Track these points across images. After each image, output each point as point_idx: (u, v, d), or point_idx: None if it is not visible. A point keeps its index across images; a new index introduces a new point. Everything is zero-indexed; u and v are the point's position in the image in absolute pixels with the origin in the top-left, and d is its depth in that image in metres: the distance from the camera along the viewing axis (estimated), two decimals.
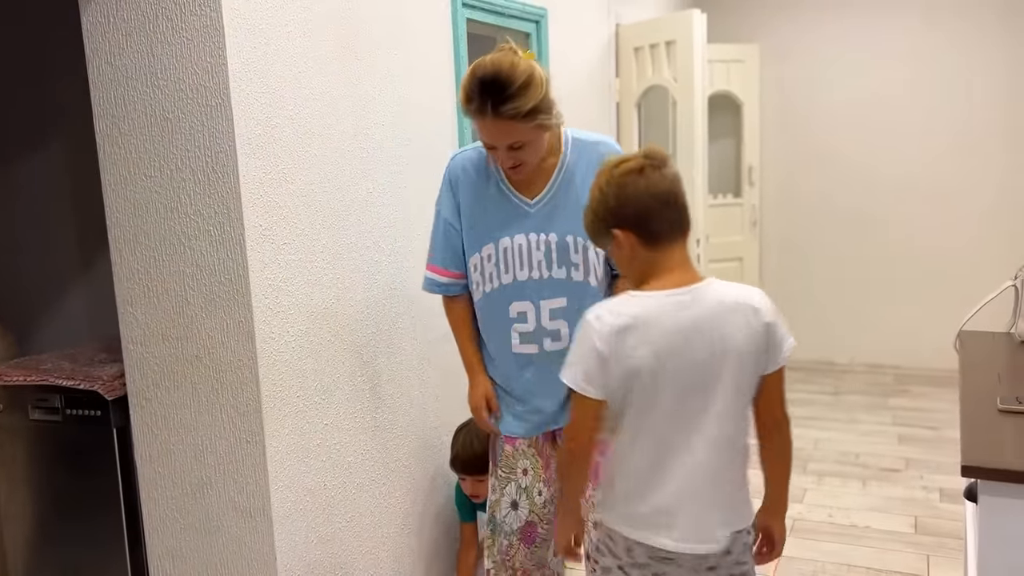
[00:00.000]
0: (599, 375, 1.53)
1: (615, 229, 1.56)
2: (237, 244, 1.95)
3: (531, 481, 2.16)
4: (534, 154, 1.93)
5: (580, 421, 1.60)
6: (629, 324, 1.51)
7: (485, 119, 1.85)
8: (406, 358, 2.55)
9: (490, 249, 2.04)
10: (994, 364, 2.14)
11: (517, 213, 2.02)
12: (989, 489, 1.45)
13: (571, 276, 2.02)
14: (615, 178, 1.55)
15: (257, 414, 2.01)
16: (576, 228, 1.92)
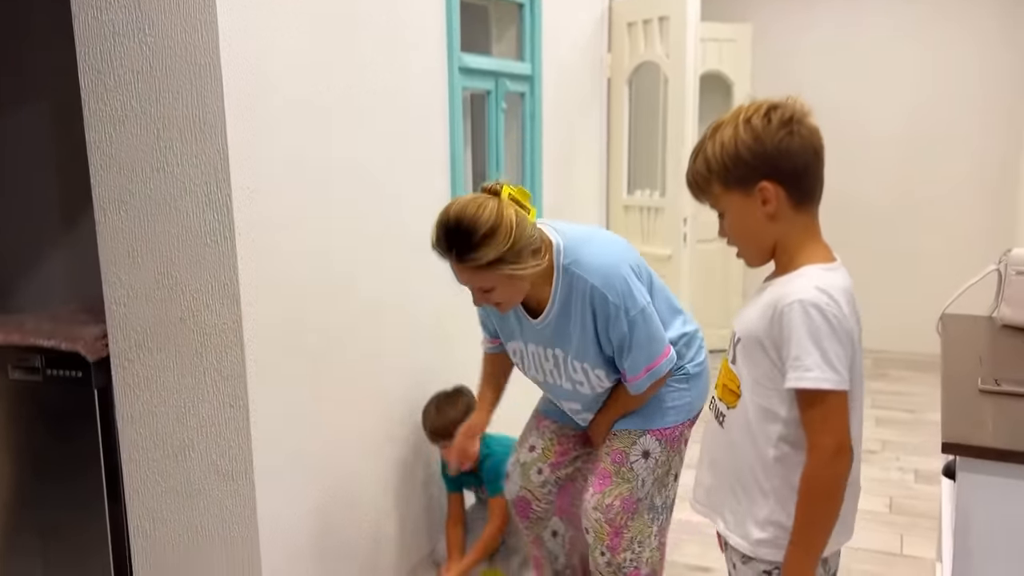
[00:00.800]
0: (847, 363, 1.29)
1: (764, 180, 1.33)
2: (224, 206, 1.93)
3: (534, 459, 2.21)
4: (507, 296, 1.93)
5: (843, 424, 1.29)
6: (848, 300, 1.32)
7: (451, 263, 1.89)
8: (392, 326, 2.54)
9: (512, 347, 2.18)
10: (975, 347, 2.16)
11: (526, 326, 2.09)
12: (968, 466, 1.47)
13: (577, 389, 2.12)
14: (778, 122, 1.32)
15: (241, 378, 2.00)
16: (574, 354, 2.05)
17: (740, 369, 1.39)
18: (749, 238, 1.40)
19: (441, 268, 2.82)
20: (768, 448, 1.34)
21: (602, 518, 2.06)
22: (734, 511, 1.42)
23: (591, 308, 1.95)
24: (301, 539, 2.20)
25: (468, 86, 2.88)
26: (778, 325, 1.30)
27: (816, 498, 1.29)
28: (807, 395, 1.28)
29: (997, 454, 1.45)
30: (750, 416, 1.36)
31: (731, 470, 1.41)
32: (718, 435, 1.45)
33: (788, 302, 1.28)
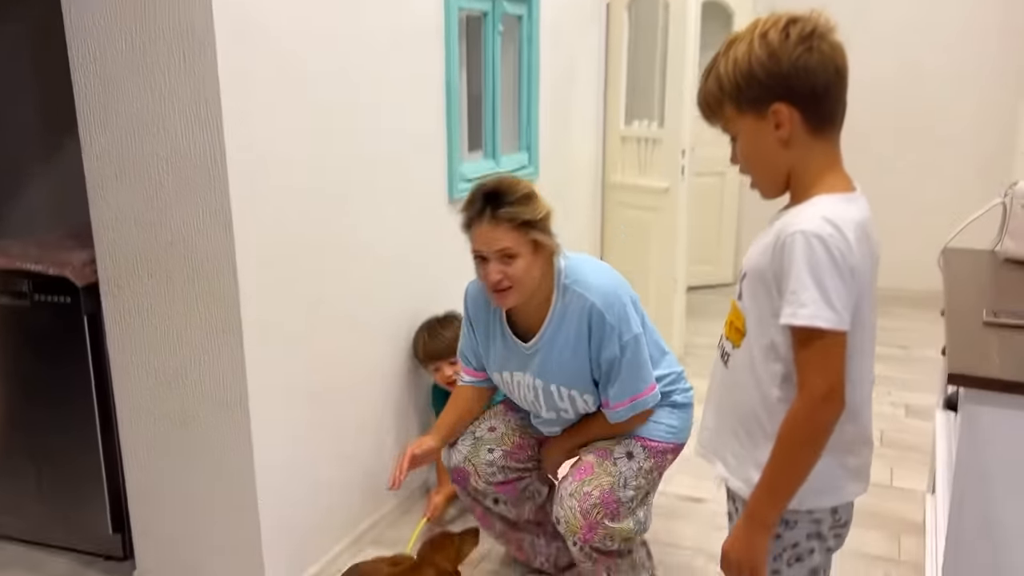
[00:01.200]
0: (848, 299, 1.19)
1: (778, 102, 1.23)
2: (214, 127, 1.86)
3: (491, 438, 2.17)
4: (524, 274, 1.91)
5: (837, 368, 1.20)
6: (859, 235, 1.22)
7: (481, 223, 1.89)
8: (383, 252, 2.50)
9: (498, 377, 2.16)
10: (978, 280, 2.14)
11: (515, 354, 2.09)
12: (973, 398, 1.46)
13: (561, 416, 2.12)
14: (796, 37, 1.21)
15: (234, 304, 1.96)
16: (561, 379, 2.03)
17: (746, 305, 1.31)
18: (762, 165, 1.30)
19: (435, 193, 2.78)
20: (772, 388, 1.28)
21: (576, 507, 1.94)
22: (736, 454, 1.35)
23: (587, 327, 1.97)
24: (296, 467, 2.20)
25: (464, 7, 2.78)
26: (779, 257, 1.21)
27: (797, 442, 1.22)
28: (801, 332, 1.19)
29: (1003, 385, 1.43)
30: (754, 355, 1.29)
31: (735, 410, 1.35)
32: (723, 375, 1.39)
33: (790, 232, 1.19)
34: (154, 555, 2.26)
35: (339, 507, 2.39)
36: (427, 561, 2.03)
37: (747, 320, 1.30)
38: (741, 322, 1.32)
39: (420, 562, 2.04)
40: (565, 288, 1.99)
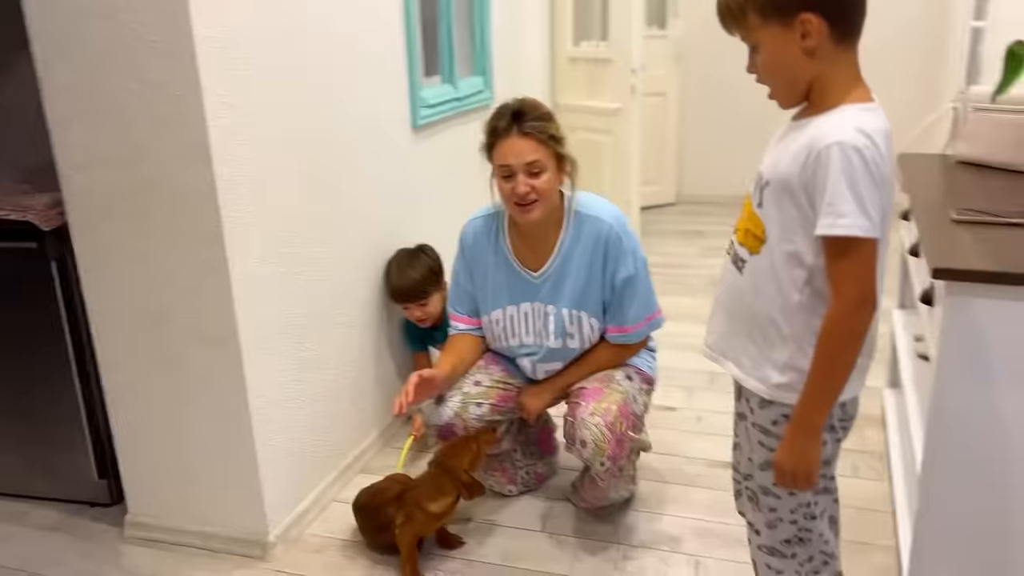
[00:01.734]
0: (882, 210, 1.23)
1: (806, 11, 1.22)
2: (188, 56, 1.79)
3: (478, 392, 2.18)
4: (549, 187, 2.01)
5: (872, 274, 1.25)
6: (887, 144, 1.25)
7: (510, 137, 1.97)
8: (361, 184, 2.47)
9: (498, 314, 2.20)
10: (937, 183, 2.24)
11: (523, 285, 2.15)
12: (955, 290, 1.55)
13: (566, 344, 2.16)
14: None
15: (219, 241, 1.92)
16: (572, 303, 2.10)
17: (767, 213, 1.33)
18: (784, 76, 1.30)
19: (399, 121, 2.75)
20: (793, 293, 1.32)
21: (601, 422, 2.00)
22: (751, 356, 1.40)
23: (603, 249, 2.06)
24: (286, 400, 2.20)
25: None
26: (812, 168, 1.23)
27: (838, 347, 1.27)
28: (838, 242, 1.23)
29: (985, 276, 1.53)
30: (776, 261, 1.33)
31: (751, 315, 1.39)
32: (736, 281, 1.42)
33: (826, 143, 1.21)
34: (146, 498, 2.25)
35: (328, 438, 2.41)
36: (443, 468, 2.05)
37: (767, 227, 1.34)
38: (761, 229, 1.35)
39: (437, 469, 2.06)
40: (576, 214, 2.09)
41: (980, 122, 2.31)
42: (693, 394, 2.99)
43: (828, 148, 1.21)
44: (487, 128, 2.04)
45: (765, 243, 1.35)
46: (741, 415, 1.51)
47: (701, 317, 1.45)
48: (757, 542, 1.52)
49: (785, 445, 1.35)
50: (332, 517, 2.34)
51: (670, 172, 5.55)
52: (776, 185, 1.32)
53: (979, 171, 2.30)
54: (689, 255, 4.62)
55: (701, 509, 2.31)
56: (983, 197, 2.05)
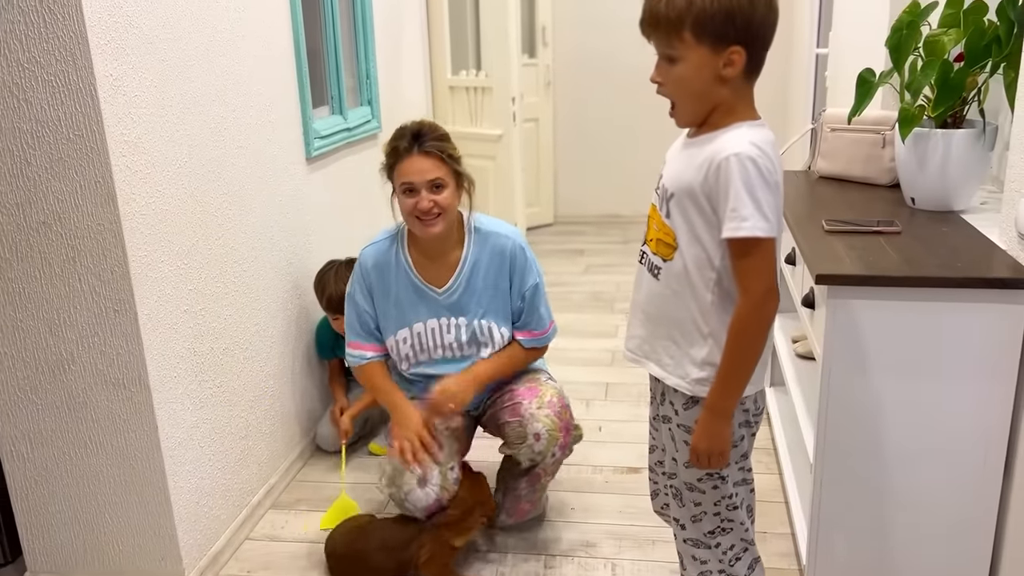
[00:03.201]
0: (776, 211, 1.36)
1: (738, 45, 1.34)
2: (88, 95, 1.76)
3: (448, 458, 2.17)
4: (450, 203, 2.09)
5: (773, 269, 1.38)
6: (776, 152, 1.39)
7: (411, 156, 2.05)
8: (260, 216, 2.46)
9: (405, 333, 2.21)
10: (804, 196, 2.46)
11: (428, 301, 2.19)
12: (836, 293, 1.73)
13: (480, 352, 2.22)
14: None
15: (125, 280, 1.89)
16: (481, 313, 2.18)
17: (675, 222, 1.46)
18: (695, 95, 1.40)
19: (294, 152, 2.76)
20: (706, 293, 1.45)
21: (550, 412, 2.13)
22: (673, 355, 1.51)
23: (508, 263, 2.17)
24: (198, 439, 2.16)
25: None
26: (714, 178, 1.37)
27: (746, 338, 1.40)
28: (742, 243, 1.35)
29: (859, 280, 1.71)
30: (688, 266, 1.45)
31: (670, 318, 1.51)
32: (652, 287, 1.53)
33: (725, 155, 1.35)
34: (48, 552, 2.15)
35: (239, 475, 2.37)
36: (470, 505, 2.12)
37: (677, 235, 1.46)
38: (671, 237, 1.46)
39: (467, 508, 2.12)
40: (477, 231, 2.19)
41: (837, 141, 2.55)
42: (591, 405, 3.12)
43: (727, 160, 1.35)
44: (388, 149, 2.11)
45: (677, 249, 1.47)
46: (665, 418, 1.61)
47: (587, 332, 1.55)
48: (683, 536, 1.63)
49: (700, 429, 1.48)
50: (245, 556, 2.30)
51: (547, 194, 5.73)
52: (681, 195, 1.44)
53: (839, 184, 2.54)
54: (571, 273, 4.79)
55: (612, 514, 2.43)
56: (846, 208, 2.27)
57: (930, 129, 2.11)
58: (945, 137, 2.08)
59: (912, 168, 2.16)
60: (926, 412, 1.75)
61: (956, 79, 2.02)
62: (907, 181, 2.21)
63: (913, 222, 2.09)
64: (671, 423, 1.58)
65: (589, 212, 5.88)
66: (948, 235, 1.98)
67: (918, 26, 2.08)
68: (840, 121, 2.52)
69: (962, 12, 2.08)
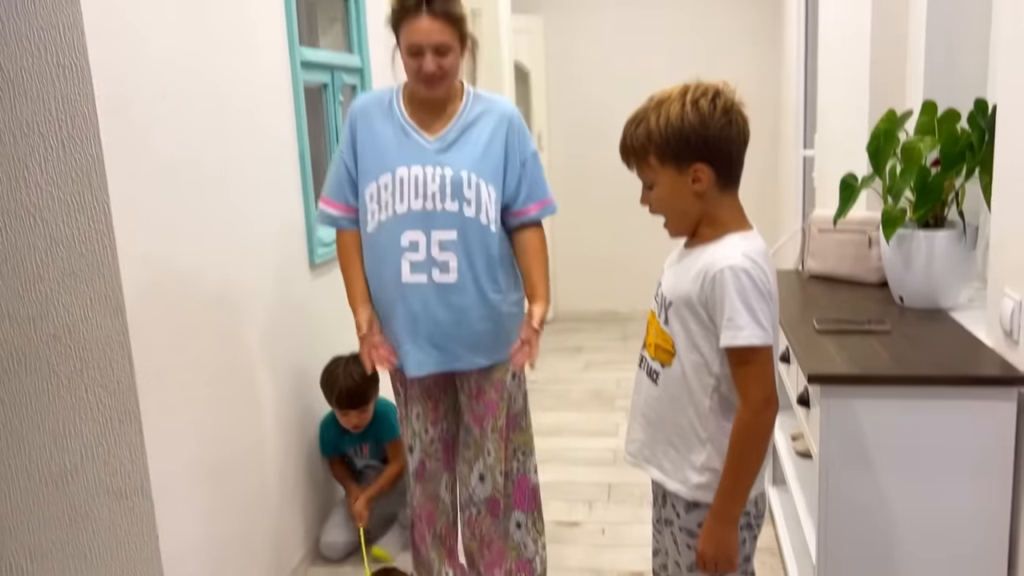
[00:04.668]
0: (771, 319, 1.44)
1: (699, 162, 1.44)
2: (101, 213, 1.84)
3: (421, 424, 2.29)
4: (454, 66, 2.08)
5: (771, 377, 1.44)
6: (768, 261, 1.46)
7: (419, 18, 2.02)
8: (261, 326, 2.51)
9: (387, 178, 2.14)
10: (795, 294, 2.52)
11: (416, 147, 2.15)
12: (829, 392, 1.77)
13: (463, 210, 2.12)
14: (721, 109, 1.42)
15: (131, 391, 1.92)
16: (471, 165, 2.12)
17: (674, 329, 1.52)
18: (676, 211, 1.51)
19: (298, 259, 2.83)
20: (704, 399, 1.49)
21: (498, 438, 2.26)
22: (672, 460, 1.55)
23: (507, 124, 2.17)
24: (202, 550, 2.15)
25: (308, 80, 2.88)
26: (709, 289, 1.44)
27: (748, 445, 1.43)
28: (739, 352, 1.41)
29: (851, 379, 1.75)
30: (686, 372, 1.50)
31: (669, 423, 1.55)
32: (652, 391, 1.58)
33: (719, 268, 1.42)
34: None
35: None
36: None
37: (676, 342, 1.51)
38: (670, 344, 1.52)
39: None
40: (475, 94, 2.21)
41: (825, 241, 2.63)
42: (594, 507, 3.10)
43: (721, 272, 1.42)
44: (395, 4, 2.08)
45: (675, 356, 1.52)
46: (667, 521, 1.62)
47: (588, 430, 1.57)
48: None
49: (706, 535, 1.49)
50: None
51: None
52: (678, 304, 1.51)
53: (828, 283, 2.61)
54: (571, 370, 4.82)
55: None
56: (836, 307, 2.33)
57: (913, 230, 2.18)
58: (928, 238, 2.15)
59: (898, 268, 2.23)
60: (924, 508, 1.76)
61: (934, 183, 2.10)
62: (894, 280, 2.27)
63: (902, 321, 2.14)
64: (673, 526, 1.59)
65: (588, 308, 5.95)
66: (936, 333, 2.02)
67: (895, 133, 2.19)
68: (827, 222, 2.60)
69: (936, 120, 2.19)
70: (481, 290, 2.16)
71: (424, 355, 2.18)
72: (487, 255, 2.15)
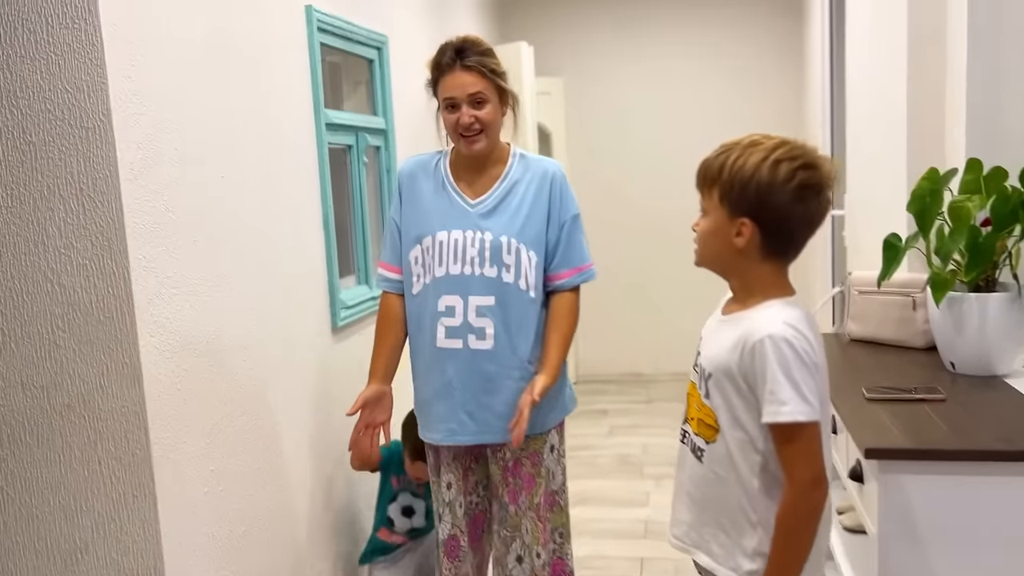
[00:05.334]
0: (818, 392, 1.35)
1: (748, 219, 1.37)
2: (120, 279, 1.78)
3: (454, 495, 2.18)
4: (492, 119, 2.08)
5: (819, 455, 1.35)
6: (813, 329, 1.38)
7: (454, 71, 2.04)
8: (281, 393, 2.43)
9: (428, 241, 2.14)
10: (838, 360, 2.41)
11: (457, 210, 2.14)
12: (888, 468, 1.65)
13: (501, 276, 2.09)
14: (799, 183, 1.34)
15: (146, 464, 1.83)
16: (512, 231, 2.08)
17: (715, 403, 1.42)
18: (710, 250, 1.45)
19: (321, 324, 2.76)
20: (752, 479, 1.39)
21: (535, 516, 2.15)
22: (722, 544, 1.44)
23: (549, 186, 2.14)
24: None
25: (333, 141, 2.84)
26: (749, 360, 1.34)
27: (794, 530, 1.34)
28: (783, 429, 1.32)
29: (912, 453, 1.64)
30: (731, 449, 1.40)
31: (717, 504, 1.44)
32: (696, 469, 1.47)
33: (758, 338, 1.33)
34: None
35: None
36: None
37: (718, 416, 1.41)
38: (712, 419, 1.42)
39: None
40: (521, 155, 2.17)
41: (866, 304, 2.53)
42: None
43: (761, 342, 1.33)
44: (432, 64, 2.10)
45: (719, 431, 1.42)
46: None
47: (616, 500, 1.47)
48: None
49: None
50: None
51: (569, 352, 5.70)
52: (718, 376, 1.41)
53: (872, 348, 2.50)
54: (596, 435, 4.68)
55: None
56: (882, 373, 2.22)
57: (963, 293, 2.08)
58: (980, 301, 2.05)
59: (949, 332, 2.12)
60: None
61: (986, 244, 2.01)
62: (944, 345, 2.17)
63: (955, 388, 2.03)
64: None
65: (611, 371, 5.84)
66: (994, 402, 1.91)
67: (941, 193, 2.10)
68: (868, 284, 2.51)
69: (982, 178, 2.10)
70: (518, 358, 2.08)
71: (456, 424, 2.09)
72: (525, 322, 2.09)
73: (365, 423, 2.18)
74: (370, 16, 3.20)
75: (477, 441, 2.13)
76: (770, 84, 5.55)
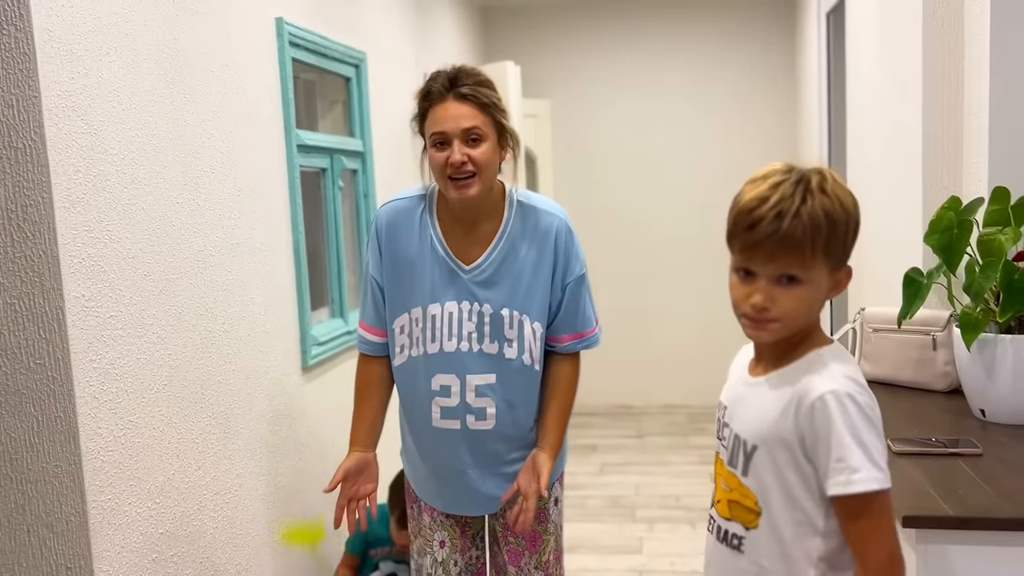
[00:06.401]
0: (885, 454, 1.16)
1: (847, 265, 1.20)
2: (54, 320, 1.56)
3: (448, 553, 1.95)
4: (488, 160, 1.75)
5: (893, 528, 1.15)
6: None
7: (445, 100, 1.73)
8: (244, 440, 2.20)
9: (418, 313, 1.83)
10: None
11: (449, 277, 1.82)
12: (928, 537, 1.45)
13: (503, 352, 1.82)
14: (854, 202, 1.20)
15: (82, 531, 1.60)
16: (514, 302, 1.81)
17: (761, 481, 1.21)
18: (803, 317, 1.18)
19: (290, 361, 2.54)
20: (809, 570, 1.18)
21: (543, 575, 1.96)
22: None
23: (552, 245, 1.82)
24: None
25: (305, 164, 2.64)
26: (807, 422, 1.14)
27: None
28: (854, 501, 1.11)
29: (956, 522, 1.44)
30: (783, 534, 1.19)
31: None
32: (735, 563, 1.25)
33: (818, 394, 1.13)
34: None
35: None
36: None
37: (761, 497, 1.20)
38: (752, 500, 1.20)
39: None
40: (520, 204, 1.84)
41: (881, 342, 2.34)
42: None
43: (822, 398, 1.13)
44: (420, 93, 1.78)
45: (761, 515, 1.20)
46: None
47: (608, 546, 1.28)
48: None
49: None
50: None
51: None
52: (770, 447, 1.20)
53: (888, 390, 2.30)
54: (586, 473, 4.46)
55: None
56: (904, 420, 2.02)
57: (996, 335, 1.90)
58: (1015, 343, 1.86)
59: (979, 377, 1.93)
60: None
61: (1021, 281, 1.83)
62: (974, 391, 1.97)
63: (990, 440, 1.84)
64: None
65: (600, 402, 5.63)
66: None
67: (971, 224, 1.92)
68: (883, 321, 2.32)
69: (1010, 208, 1.93)
70: (520, 429, 1.89)
71: (452, 498, 1.89)
72: (528, 395, 1.88)
73: (348, 497, 1.87)
74: (347, 31, 3.01)
75: (476, 513, 1.96)
76: (761, 107, 5.41)
